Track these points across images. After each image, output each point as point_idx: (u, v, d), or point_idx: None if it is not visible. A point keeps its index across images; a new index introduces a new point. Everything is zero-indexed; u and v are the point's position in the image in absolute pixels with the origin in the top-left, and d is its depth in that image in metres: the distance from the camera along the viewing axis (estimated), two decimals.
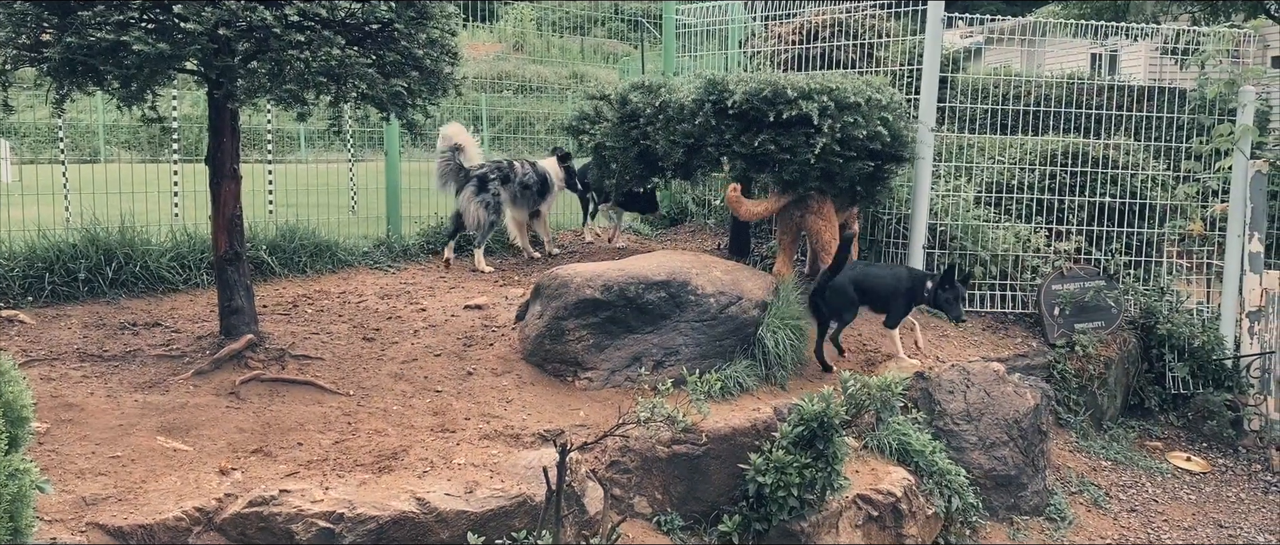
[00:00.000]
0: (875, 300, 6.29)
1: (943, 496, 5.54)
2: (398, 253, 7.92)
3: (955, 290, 6.07)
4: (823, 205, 6.53)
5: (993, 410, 6.10)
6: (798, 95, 6.00)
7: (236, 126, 5.31)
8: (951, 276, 6.05)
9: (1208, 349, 7.49)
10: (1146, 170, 7.74)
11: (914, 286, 6.26)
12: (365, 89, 4.87)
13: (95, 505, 3.86)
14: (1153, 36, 9.50)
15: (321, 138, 15.04)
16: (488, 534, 4.13)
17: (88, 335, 5.61)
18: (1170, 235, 7.99)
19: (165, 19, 4.41)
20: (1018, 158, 7.86)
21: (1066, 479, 6.51)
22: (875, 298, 6.28)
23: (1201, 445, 7.38)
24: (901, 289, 6.23)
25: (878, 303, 6.30)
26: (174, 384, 4.99)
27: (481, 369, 5.59)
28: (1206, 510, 6.52)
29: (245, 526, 3.91)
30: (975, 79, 8.82)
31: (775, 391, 5.68)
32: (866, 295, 6.23)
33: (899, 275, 6.37)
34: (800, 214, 6.58)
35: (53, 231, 6.56)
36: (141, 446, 4.35)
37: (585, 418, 5.15)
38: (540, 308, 5.79)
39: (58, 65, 4.49)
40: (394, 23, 4.90)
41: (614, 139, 7.13)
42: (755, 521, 4.97)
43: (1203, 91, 7.83)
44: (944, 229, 7.53)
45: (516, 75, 15.00)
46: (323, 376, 5.23)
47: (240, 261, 5.38)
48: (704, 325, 5.69)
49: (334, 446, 4.55)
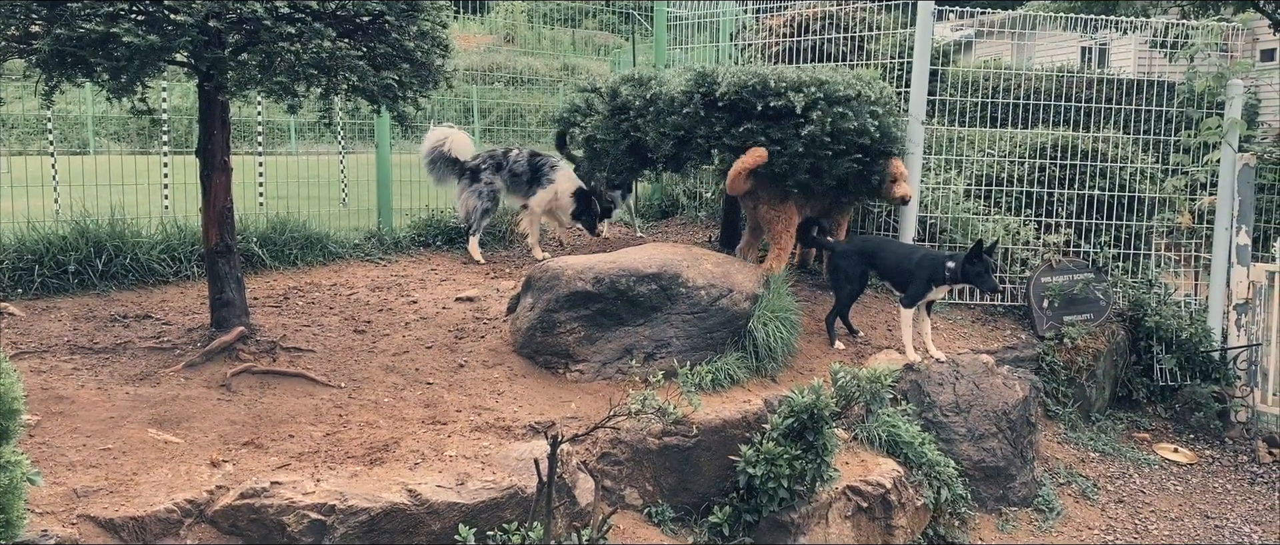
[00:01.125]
0: (891, 274, 6.49)
1: (932, 488, 5.57)
2: (389, 245, 7.92)
3: (984, 263, 6.01)
4: (774, 197, 6.55)
5: (982, 402, 6.13)
6: (786, 87, 6.01)
7: (227, 119, 5.30)
8: (980, 251, 6.01)
9: (1195, 341, 7.54)
10: (1135, 163, 7.78)
11: (934, 265, 6.15)
12: (356, 81, 4.86)
13: (86, 497, 3.87)
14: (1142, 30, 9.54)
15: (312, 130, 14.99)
16: (479, 525, 4.14)
17: (78, 328, 5.60)
18: (1159, 228, 8.03)
19: (155, 11, 4.40)
20: (1007, 151, 7.89)
21: (1055, 470, 6.55)
22: (887, 270, 6.48)
23: (1189, 437, 7.43)
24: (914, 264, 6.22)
25: (892, 277, 6.51)
26: (165, 376, 4.98)
27: (473, 361, 5.60)
28: (1193, 501, 6.57)
29: (237, 518, 3.92)
30: (966, 72, 8.84)
31: (766, 383, 5.70)
32: (878, 267, 6.47)
33: (914, 251, 6.44)
34: (753, 204, 6.66)
35: (42, 223, 6.54)
36: (132, 439, 4.35)
37: (576, 410, 5.17)
38: (531, 300, 5.80)
39: (47, 57, 4.47)
40: (385, 15, 4.90)
41: (605, 132, 7.14)
42: (745, 513, 5.00)
43: (1191, 85, 7.87)
44: (934, 221, 7.56)
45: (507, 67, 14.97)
46: (314, 369, 5.23)
47: (231, 254, 5.37)
48: (695, 318, 5.71)
49: (325, 438, 4.56)
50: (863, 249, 6.56)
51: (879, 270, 6.58)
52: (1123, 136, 7.88)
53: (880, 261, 6.48)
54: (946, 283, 6.16)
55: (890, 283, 6.86)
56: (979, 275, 6.02)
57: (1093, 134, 7.85)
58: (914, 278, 6.19)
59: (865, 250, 6.55)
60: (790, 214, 6.59)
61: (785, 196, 6.50)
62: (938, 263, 6.12)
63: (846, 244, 6.70)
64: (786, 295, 6.14)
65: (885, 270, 6.54)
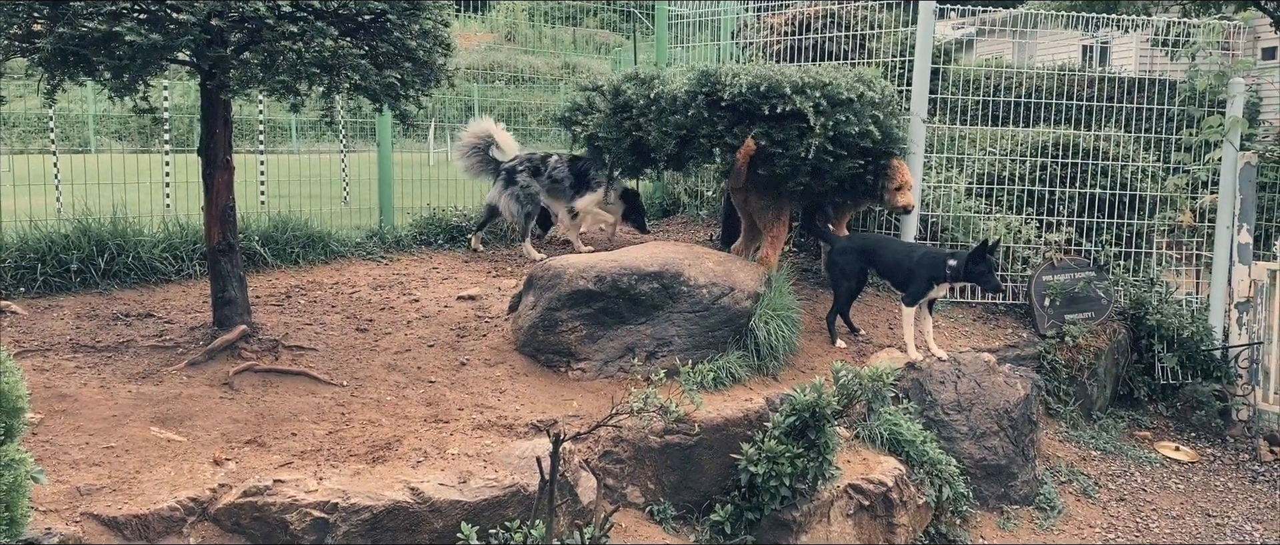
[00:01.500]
0: (890, 273, 6.50)
1: (933, 486, 5.57)
2: (390, 244, 7.92)
3: (988, 262, 6.01)
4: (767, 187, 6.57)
5: (983, 400, 6.13)
6: (792, 90, 6.00)
7: (229, 117, 5.30)
8: (984, 250, 6.00)
9: (1196, 340, 7.53)
10: (1137, 162, 7.78)
11: (935, 264, 6.14)
12: (358, 80, 4.86)
13: (90, 495, 3.87)
14: (1144, 28, 9.54)
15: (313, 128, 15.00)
16: (481, 523, 4.15)
17: (80, 326, 5.61)
18: (1160, 226, 8.03)
19: (158, 10, 4.40)
20: (1009, 149, 7.89)
21: (1056, 468, 6.56)
22: (887, 269, 6.48)
23: (1190, 435, 7.43)
24: (914, 262, 6.22)
25: (892, 275, 6.51)
26: (167, 375, 4.99)
27: (475, 359, 5.61)
28: (1194, 499, 6.58)
29: (239, 516, 3.92)
30: (967, 70, 8.84)
31: (767, 382, 5.70)
32: (877, 265, 6.47)
33: (915, 249, 6.44)
34: (743, 195, 6.69)
35: (44, 222, 6.55)
36: (135, 437, 4.35)
37: (578, 408, 5.17)
38: (533, 298, 5.80)
39: (50, 56, 4.47)
40: (387, 14, 4.90)
41: (607, 130, 7.13)
42: (747, 511, 5.00)
43: (1193, 83, 7.85)
44: (935, 220, 7.56)
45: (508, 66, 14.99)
46: (316, 367, 5.23)
47: (233, 252, 5.38)
48: (696, 316, 5.71)
49: (328, 437, 4.56)
50: (862, 246, 6.56)
51: (878, 269, 6.58)
52: (1124, 135, 7.88)
53: (879, 260, 6.48)
54: (948, 281, 6.16)
55: (890, 282, 6.85)
56: (983, 274, 6.01)
57: (1094, 132, 7.85)
58: (914, 277, 6.19)
59: (864, 248, 6.55)
60: (783, 205, 6.60)
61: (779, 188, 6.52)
62: (939, 261, 6.12)
63: (845, 241, 6.69)
64: (788, 294, 6.14)
65: (884, 269, 6.53)
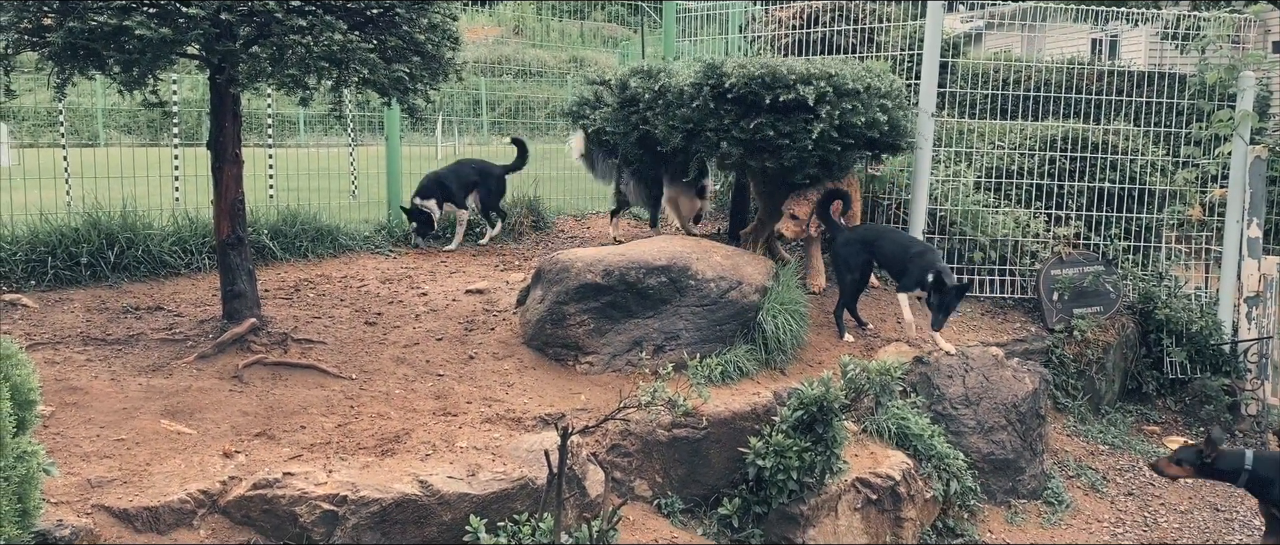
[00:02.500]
0: (888, 262, 6.54)
1: (941, 480, 5.57)
2: (399, 237, 7.94)
3: (944, 298, 6.14)
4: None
5: (991, 394, 6.13)
6: (796, 79, 6.00)
7: (238, 111, 5.32)
8: (943, 287, 6.10)
9: (1205, 334, 7.51)
10: (1146, 155, 7.75)
11: (925, 265, 6.21)
12: (367, 74, 4.87)
13: (100, 487, 3.90)
14: (1153, 21, 9.49)
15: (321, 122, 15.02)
16: (490, 516, 4.16)
17: (91, 319, 5.63)
18: (1169, 220, 8.00)
19: (167, 4, 4.41)
20: (1018, 143, 7.87)
21: (1064, 463, 6.55)
22: (886, 259, 6.52)
23: (1199, 430, 7.40)
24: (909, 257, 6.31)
25: (890, 265, 6.57)
26: (177, 368, 5.01)
27: (483, 353, 5.62)
28: (1203, 494, 6.56)
29: (249, 509, 3.94)
30: (976, 64, 8.81)
31: (775, 376, 5.70)
32: (878, 255, 6.50)
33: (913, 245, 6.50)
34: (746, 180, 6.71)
35: (55, 215, 6.57)
36: (146, 429, 4.38)
37: (586, 401, 5.18)
38: (541, 292, 5.81)
39: (60, 49, 4.49)
40: (395, 8, 4.91)
41: (614, 124, 7.14)
42: (755, 504, 5.01)
43: (1203, 77, 7.82)
44: (944, 214, 7.54)
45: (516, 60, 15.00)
46: (325, 360, 5.25)
47: (242, 246, 5.40)
48: (704, 310, 5.72)
49: (337, 430, 4.58)
50: (865, 238, 6.58)
51: (879, 259, 6.59)
52: (1133, 129, 7.85)
53: (880, 250, 6.51)
54: (922, 287, 6.26)
55: (888, 271, 6.90)
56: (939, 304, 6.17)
57: (1103, 126, 7.82)
58: (908, 271, 6.31)
59: (867, 239, 6.56)
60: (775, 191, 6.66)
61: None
62: (928, 264, 6.22)
63: (848, 233, 6.68)
64: (795, 288, 6.14)
65: (884, 259, 6.56)
